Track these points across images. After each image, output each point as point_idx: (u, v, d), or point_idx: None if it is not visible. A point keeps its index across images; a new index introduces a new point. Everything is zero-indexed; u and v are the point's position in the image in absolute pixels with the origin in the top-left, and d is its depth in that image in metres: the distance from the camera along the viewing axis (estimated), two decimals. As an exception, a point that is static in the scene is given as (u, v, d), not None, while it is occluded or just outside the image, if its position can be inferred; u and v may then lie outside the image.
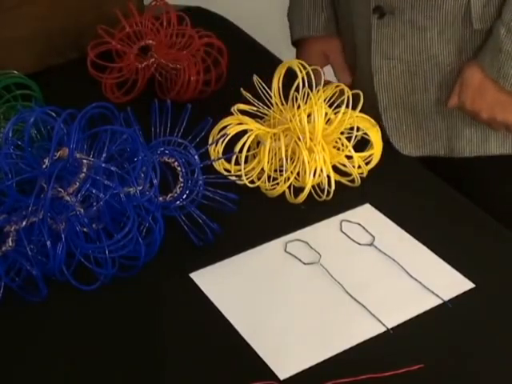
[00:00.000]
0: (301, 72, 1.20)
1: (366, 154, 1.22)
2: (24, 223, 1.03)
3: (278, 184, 1.19)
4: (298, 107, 1.19)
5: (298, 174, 1.18)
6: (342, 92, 1.21)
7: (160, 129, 1.18)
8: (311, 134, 1.17)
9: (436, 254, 1.10)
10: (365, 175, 1.22)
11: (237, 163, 1.19)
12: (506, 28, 1.22)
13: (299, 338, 0.99)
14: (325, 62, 1.50)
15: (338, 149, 1.21)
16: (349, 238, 1.14)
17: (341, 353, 0.97)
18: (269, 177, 1.19)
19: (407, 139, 1.38)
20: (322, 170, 1.17)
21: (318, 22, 1.48)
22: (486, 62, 1.26)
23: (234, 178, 1.19)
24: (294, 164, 1.18)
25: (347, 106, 1.19)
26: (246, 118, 1.22)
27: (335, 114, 1.20)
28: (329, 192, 1.18)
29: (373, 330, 1.00)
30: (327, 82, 1.24)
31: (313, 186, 1.18)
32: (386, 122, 1.37)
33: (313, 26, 1.48)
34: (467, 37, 1.29)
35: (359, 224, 1.15)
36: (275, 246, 1.13)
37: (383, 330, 0.99)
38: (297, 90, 1.21)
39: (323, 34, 1.48)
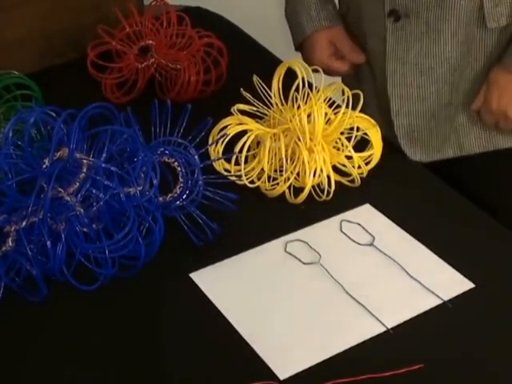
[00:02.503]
0: (301, 72, 1.20)
1: (365, 154, 1.22)
2: (24, 223, 1.03)
3: (278, 184, 1.19)
4: (298, 107, 1.19)
5: (297, 174, 1.18)
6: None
7: (160, 129, 1.18)
8: (311, 134, 1.17)
9: (436, 254, 1.10)
10: (365, 175, 1.22)
11: (237, 163, 1.19)
12: None
13: (299, 338, 0.99)
14: (334, 50, 1.49)
15: (338, 149, 1.21)
16: (349, 238, 1.14)
17: (341, 353, 0.97)
18: (269, 177, 1.19)
19: (418, 146, 1.37)
20: (321, 170, 1.17)
21: (326, 12, 1.46)
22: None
23: (233, 178, 1.19)
24: (294, 164, 1.18)
25: (347, 106, 1.19)
26: (246, 118, 1.22)
27: (335, 114, 1.20)
28: (329, 192, 1.18)
29: (373, 330, 1.00)
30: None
31: (313, 186, 1.18)
32: (397, 130, 1.36)
33: (323, 17, 1.45)
34: (478, 37, 1.30)
35: (359, 224, 1.15)
36: (275, 245, 1.13)
37: (383, 329, 0.99)
38: (297, 90, 1.21)
39: (332, 24, 1.47)
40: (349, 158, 1.20)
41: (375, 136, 1.22)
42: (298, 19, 1.48)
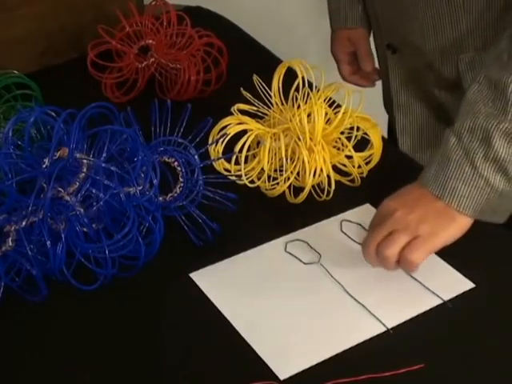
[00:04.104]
0: (301, 72, 1.20)
1: (365, 153, 1.22)
2: (24, 223, 1.03)
3: (278, 184, 1.19)
4: (298, 107, 1.19)
5: (297, 173, 1.18)
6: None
7: (160, 128, 1.18)
8: (311, 134, 1.17)
9: (436, 253, 1.10)
10: (365, 175, 1.22)
11: (237, 163, 1.19)
12: (457, 136, 1.04)
13: (299, 338, 0.99)
14: (351, 49, 1.54)
15: (338, 149, 1.21)
16: (349, 237, 1.14)
17: (341, 353, 0.97)
18: (269, 177, 1.19)
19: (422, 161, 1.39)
20: (321, 170, 1.17)
21: (354, 13, 1.51)
22: (431, 175, 1.05)
23: (233, 178, 1.19)
24: (294, 164, 1.18)
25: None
26: (246, 118, 1.22)
27: (335, 113, 1.20)
28: (329, 192, 1.18)
29: (373, 329, 1.00)
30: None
31: (313, 186, 1.18)
32: (402, 147, 1.38)
33: (350, 18, 1.51)
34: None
35: (359, 224, 1.15)
36: (275, 245, 1.13)
37: (383, 329, 0.99)
38: (297, 89, 1.21)
39: (356, 25, 1.50)
40: (349, 157, 1.20)
41: (375, 136, 1.22)
42: (330, 12, 1.56)
